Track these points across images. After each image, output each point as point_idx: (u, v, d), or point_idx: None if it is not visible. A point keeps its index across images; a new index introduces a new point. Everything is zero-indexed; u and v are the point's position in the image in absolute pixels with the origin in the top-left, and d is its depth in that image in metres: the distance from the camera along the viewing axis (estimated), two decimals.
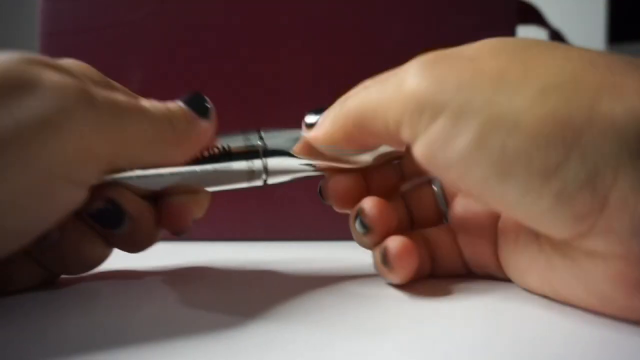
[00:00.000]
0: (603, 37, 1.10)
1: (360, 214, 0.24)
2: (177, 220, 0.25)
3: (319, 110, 0.25)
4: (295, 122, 0.38)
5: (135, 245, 0.25)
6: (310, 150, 0.26)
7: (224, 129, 0.26)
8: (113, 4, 0.38)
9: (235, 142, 0.26)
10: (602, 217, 0.17)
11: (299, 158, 0.26)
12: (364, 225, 0.24)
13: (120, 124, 0.21)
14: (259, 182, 0.27)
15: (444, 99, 0.19)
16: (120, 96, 0.22)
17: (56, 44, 0.38)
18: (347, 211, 0.26)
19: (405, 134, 0.21)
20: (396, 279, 0.24)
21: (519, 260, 0.23)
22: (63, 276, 0.26)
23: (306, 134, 0.25)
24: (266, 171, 0.27)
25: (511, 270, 0.24)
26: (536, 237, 0.22)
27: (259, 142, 0.26)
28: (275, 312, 0.21)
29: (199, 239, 0.37)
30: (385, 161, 0.27)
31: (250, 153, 0.26)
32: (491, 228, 0.25)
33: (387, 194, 0.26)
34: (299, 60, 0.38)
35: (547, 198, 0.18)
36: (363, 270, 0.28)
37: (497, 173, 0.18)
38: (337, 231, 0.37)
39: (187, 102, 0.25)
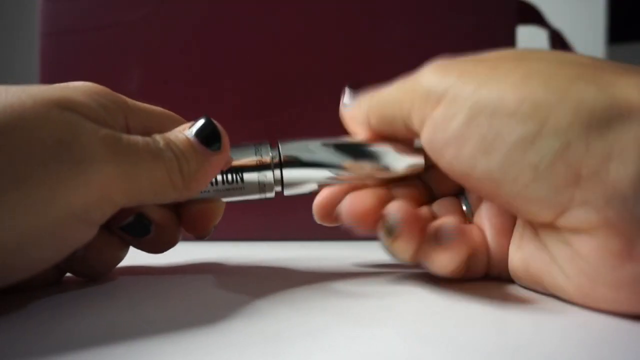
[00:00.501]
0: (603, 37, 1.10)
1: (384, 217, 0.23)
2: (200, 226, 0.27)
3: (354, 90, 0.28)
4: (294, 122, 0.39)
5: (158, 248, 0.27)
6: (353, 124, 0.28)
7: (224, 127, 0.26)
8: (113, 4, 0.38)
9: (247, 155, 0.26)
10: (578, 190, 0.19)
11: (316, 168, 0.27)
12: (389, 228, 0.22)
13: (137, 173, 0.22)
14: (271, 194, 0.27)
15: (444, 88, 0.22)
16: (139, 140, 0.22)
17: (56, 44, 0.38)
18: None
19: (415, 122, 0.24)
20: (402, 252, 0.22)
21: (523, 257, 0.23)
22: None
23: (342, 110, 0.28)
24: (279, 183, 0.27)
25: (515, 268, 0.24)
26: (536, 231, 0.23)
27: (270, 155, 0.27)
28: (277, 305, 0.21)
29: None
30: (408, 174, 0.27)
31: (261, 166, 0.26)
32: (510, 229, 0.25)
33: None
34: (299, 60, 0.38)
35: (526, 172, 0.20)
36: (362, 268, 0.28)
37: (484, 149, 0.21)
38: (335, 232, 0.37)
39: (197, 133, 0.24)
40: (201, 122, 0.24)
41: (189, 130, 0.24)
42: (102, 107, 0.22)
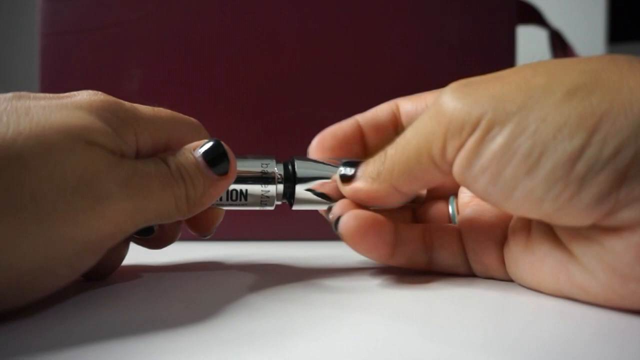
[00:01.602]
0: (603, 37, 1.10)
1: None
2: (203, 227, 0.28)
3: (353, 163, 0.26)
4: (294, 122, 0.39)
5: (160, 245, 0.28)
6: (338, 194, 0.27)
7: (224, 128, 0.26)
8: (113, 4, 0.38)
9: (252, 169, 0.27)
10: (622, 190, 0.19)
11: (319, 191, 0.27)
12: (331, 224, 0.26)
13: (148, 204, 0.22)
14: (270, 207, 0.28)
15: (480, 112, 0.21)
16: (152, 170, 0.23)
17: (56, 44, 0.38)
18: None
19: (450, 156, 0.22)
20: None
21: (533, 257, 0.23)
22: None
23: (344, 188, 0.26)
24: (280, 198, 0.27)
25: (520, 271, 0.24)
26: (550, 231, 0.22)
27: (276, 170, 0.27)
28: (277, 301, 0.21)
29: (195, 239, 0.37)
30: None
31: (266, 182, 0.27)
32: (500, 229, 0.25)
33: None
34: (299, 60, 0.38)
35: (571, 185, 0.19)
36: (361, 266, 0.28)
37: (527, 169, 0.20)
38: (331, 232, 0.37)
39: (206, 156, 0.24)
40: (210, 144, 0.25)
41: (198, 150, 0.25)
42: (115, 130, 0.22)
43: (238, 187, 0.27)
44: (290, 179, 0.27)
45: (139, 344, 0.17)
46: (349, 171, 0.26)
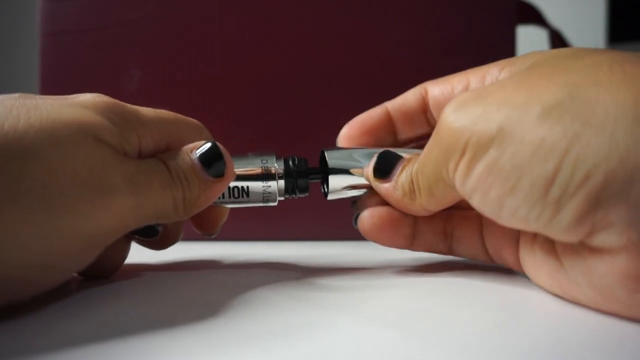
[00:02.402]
0: (603, 37, 1.10)
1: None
2: (209, 226, 0.29)
3: (389, 158, 0.27)
4: (294, 122, 0.39)
5: (163, 246, 0.28)
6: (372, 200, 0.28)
7: (224, 128, 0.26)
8: (113, 4, 0.38)
9: (252, 166, 0.27)
10: (598, 214, 0.19)
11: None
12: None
13: (149, 202, 0.23)
14: (273, 204, 0.28)
15: (466, 137, 0.22)
16: (153, 169, 0.24)
17: (56, 44, 0.38)
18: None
19: (451, 176, 0.23)
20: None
21: (534, 259, 0.24)
22: None
23: (376, 184, 0.27)
24: (283, 192, 0.28)
25: (527, 268, 0.25)
26: (550, 239, 0.23)
27: (275, 165, 0.27)
28: (277, 300, 0.21)
29: (197, 239, 0.37)
30: None
31: (265, 175, 0.27)
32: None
33: None
34: (299, 60, 0.38)
35: (549, 207, 0.20)
36: (359, 265, 0.28)
37: (509, 189, 0.21)
38: (332, 232, 0.37)
39: (202, 159, 0.25)
40: (206, 146, 0.25)
41: (195, 152, 0.25)
42: (120, 131, 0.23)
43: (240, 184, 0.27)
44: (291, 174, 0.28)
45: (139, 344, 0.18)
46: (383, 169, 0.27)
